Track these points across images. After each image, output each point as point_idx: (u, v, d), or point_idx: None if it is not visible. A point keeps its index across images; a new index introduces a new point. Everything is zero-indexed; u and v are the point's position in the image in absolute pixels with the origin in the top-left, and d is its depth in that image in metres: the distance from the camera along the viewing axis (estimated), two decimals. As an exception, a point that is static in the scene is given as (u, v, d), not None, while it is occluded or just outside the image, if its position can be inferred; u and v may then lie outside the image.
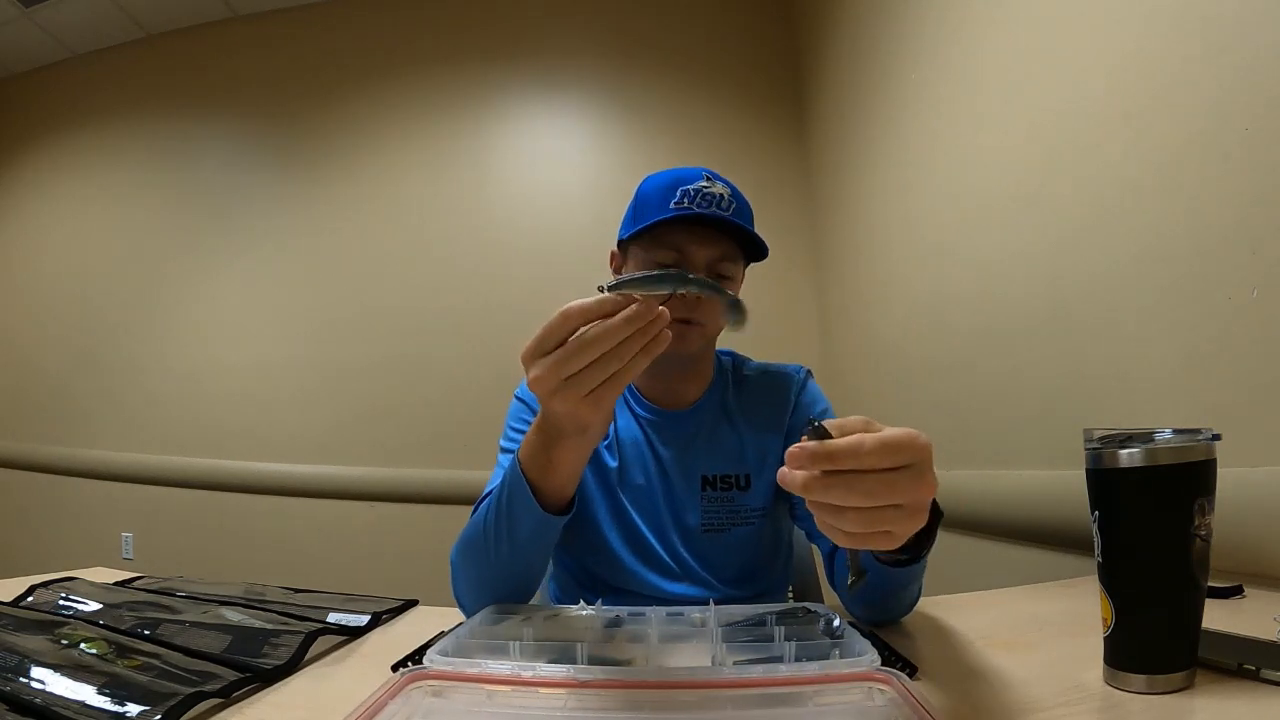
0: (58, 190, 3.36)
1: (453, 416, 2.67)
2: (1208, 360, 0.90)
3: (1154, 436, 0.49)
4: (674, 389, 0.94)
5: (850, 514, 0.44)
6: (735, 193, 0.84)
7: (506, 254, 2.73)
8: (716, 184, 0.83)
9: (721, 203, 0.81)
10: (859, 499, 0.43)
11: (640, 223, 0.83)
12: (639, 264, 0.87)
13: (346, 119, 2.96)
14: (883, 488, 0.43)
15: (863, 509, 0.43)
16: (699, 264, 0.83)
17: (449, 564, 0.76)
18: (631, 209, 0.89)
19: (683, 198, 0.81)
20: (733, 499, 0.89)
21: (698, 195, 0.81)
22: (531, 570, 0.73)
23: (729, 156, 2.62)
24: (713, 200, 0.81)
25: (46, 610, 0.73)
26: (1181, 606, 0.48)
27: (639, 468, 0.91)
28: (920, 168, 1.71)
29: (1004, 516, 1.36)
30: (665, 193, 0.82)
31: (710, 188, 0.82)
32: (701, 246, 0.83)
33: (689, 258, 0.83)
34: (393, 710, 0.42)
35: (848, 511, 0.44)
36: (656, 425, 0.93)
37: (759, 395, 0.94)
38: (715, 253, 0.84)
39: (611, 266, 0.95)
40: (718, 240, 0.83)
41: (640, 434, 0.93)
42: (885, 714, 0.42)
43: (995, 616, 0.73)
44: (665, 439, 0.92)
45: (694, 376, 0.94)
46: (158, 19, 3.17)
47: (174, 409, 2.99)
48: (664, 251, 0.83)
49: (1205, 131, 0.89)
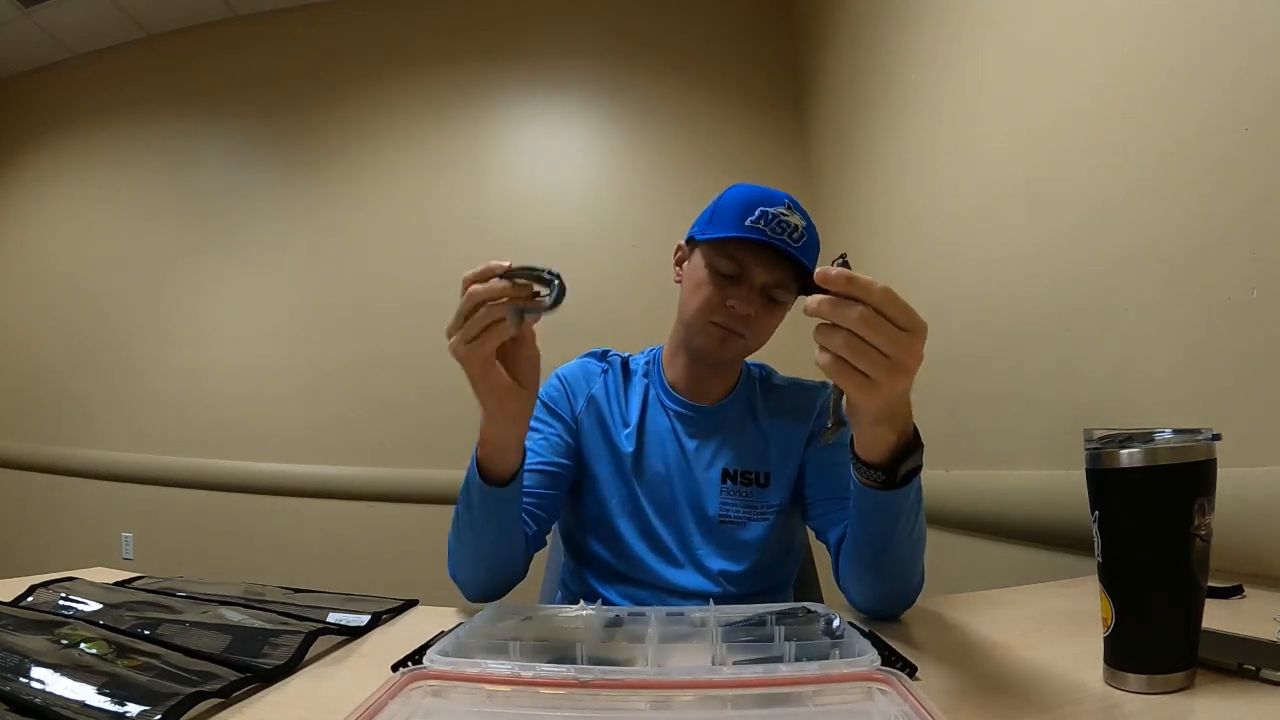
0: (58, 190, 3.36)
1: (453, 416, 2.66)
2: (1208, 360, 0.90)
3: (1154, 436, 0.49)
4: (703, 384, 0.98)
5: (842, 335, 0.51)
6: (809, 226, 0.86)
7: (506, 254, 2.72)
8: (795, 214, 0.85)
9: (794, 234, 0.84)
10: (853, 323, 0.50)
11: (715, 231, 0.86)
12: (701, 266, 0.89)
13: (347, 118, 2.96)
14: (877, 325, 0.50)
15: (853, 336, 0.50)
16: (756, 284, 0.86)
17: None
18: (710, 211, 0.91)
19: (760, 218, 0.83)
20: (751, 493, 0.92)
21: (774, 220, 0.83)
22: (503, 541, 0.77)
23: (729, 156, 2.62)
24: (786, 229, 0.83)
25: (46, 610, 0.73)
26: (1181, 606, 0.48)
27: (659, 456, 0.94)
28: (920, 168, 1.71)
29: (1004, 516, 1.36)
30: (745, 208, 0.84)
31: (788, 216, 0.84)
32: (763, 269, 0.86)
33: (749, 275, 0.86)
34: (392, 710, 0.42)
35: (840, 332, 0.51)
36: (685, 418, 0.96)
37: (787, 401, 0.99)
38: (773, 278, 0.86)
39: (675, 257, 0.99)
40: (779, 267, 0.86)
41: (667, 424, 0.96)
42: (885, 714, 0.42)
43: (995, 616, 0.73)
44: (691, 431, 0.96)
45: (722, 377, 0.98)
46: (158, 19, 3.17)
47: (174, 409, 2.99)
48: (727, 262, 0.87)
49: (1205, 131, 0.89)
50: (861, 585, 0.74)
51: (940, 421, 1.58)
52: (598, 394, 0.97)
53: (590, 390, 0.98)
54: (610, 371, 1.00)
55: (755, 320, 0.87)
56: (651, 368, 1.01)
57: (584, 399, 0.97)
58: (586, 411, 0.96)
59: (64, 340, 3.22)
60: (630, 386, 0.99)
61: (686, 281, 0.93)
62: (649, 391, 0.99)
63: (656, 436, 0.95)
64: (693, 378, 0.97)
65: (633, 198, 2.66)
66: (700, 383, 0.97)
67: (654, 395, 0.98)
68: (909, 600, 0.73)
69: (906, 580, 0.71)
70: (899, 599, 0.73)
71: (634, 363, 1.02)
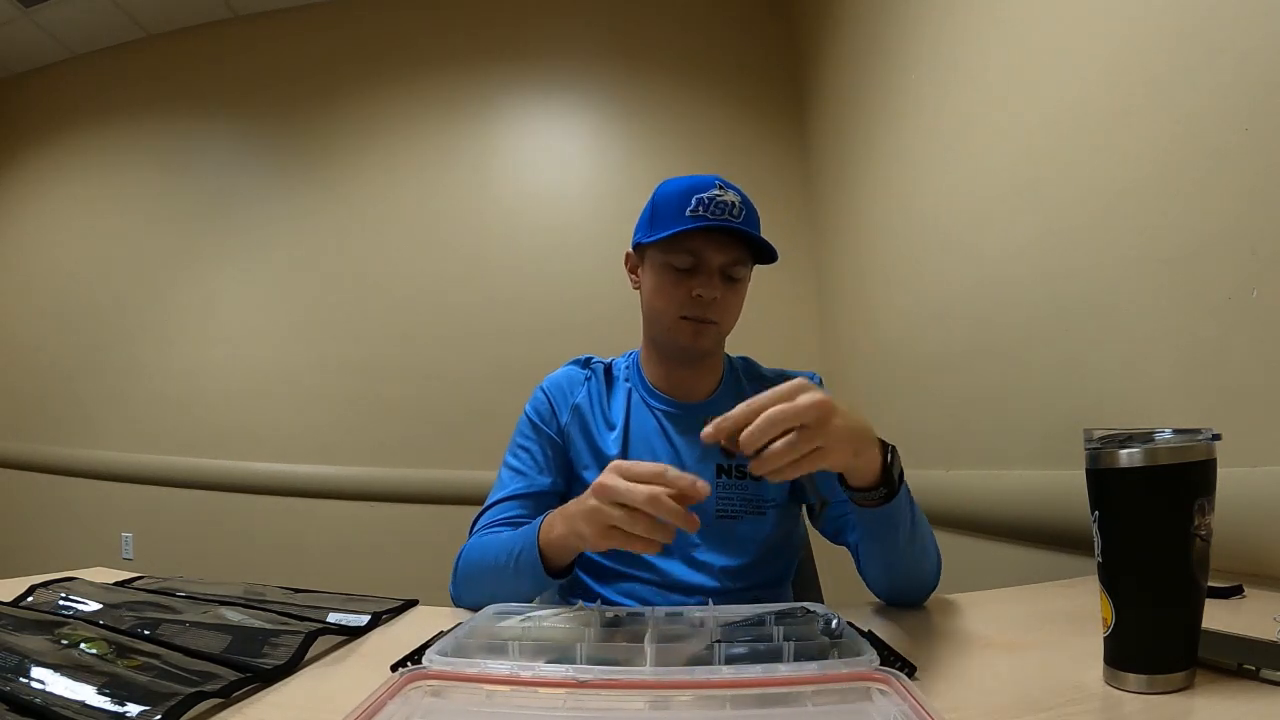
0: (58, 190, 3.36)
1: (453, 417, 2.67)
2: (1208, 360, 0.90)
3: (1154, 436, 0.49)
4: (687, 382, 0.98)
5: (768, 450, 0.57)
6: (745, 200, 0.90)
7: (507, 254, 2.73)
8: (728, 192, 0.88)
9: (733, 210, 0.87)
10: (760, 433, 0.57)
11: (659, 230, 0.88)
12: (657, 266, 0.92)
13: (347, 119, 2.96)
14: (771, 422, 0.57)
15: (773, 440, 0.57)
16: (714, 267, 0.89)
17: (452, 567, 0.84)
18: (648, 212, 0.93)
19: (698, 206, 0.86)
20: (747, 487, 0.93)
21: (711, 204, 0.86)
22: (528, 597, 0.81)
23: (729, 156, 2.62)
24: (726, 209, 0.86)
25: (46, 610, 0.73)
26: (1181, 606, 0.48)
27: (648, 455, 0.94)
28: (920, 167, 1.71)
29: (1004, 516, 1.36)
30: (681, 200, 0.87)
31: (723, 196, 0.87)
32: (716, 252, 0.88)
33: (705, 262, 0.88)
34: (392, 710, 0.42)
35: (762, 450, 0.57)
36: (673, 416, 0.97)
37: None
38: (729, 258, 0.89)
39: (627, 267, 1.00)
40: (731, 246, 0.89)
41: (654, 424, 0.97)
42: (884, 714, 0.42)
43: (995, 616, 0.73)
44: (681, 428, 0.96)
45: (705, 374, 0.99)
46: (158, 19, 3.17)
47: (174, 409, 2.99)
48: (682, 256, 0.89)
49: (1205, 131, 0.89)
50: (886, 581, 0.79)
51: (940, 421, 1.58)
52: (581, 402, 0.98)
53: (574, 400, 0.98)
54: (594, 378, 1.01)
55: (722, 303, 0.90)
56: (631, 371, 1.01)
57: (568, 410, 0.97)
58: (572, 422, 0.97)
59: (64, 340, 3.22)
60: (614, 391, 1.00)
61: (646, 286, 0.95)
62: (632, 394, 0.99)
63: (644, 437, 0.96)
64: (675, 377, 0.98)
65: (633, 197, 2.63)
66: (683, 381, 0.98)
67: (638, 398, 0.99)
68: (935, 580, 0.79)
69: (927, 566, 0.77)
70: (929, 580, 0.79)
71: (615, 368, 1.03)
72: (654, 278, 0.92)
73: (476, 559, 0.83)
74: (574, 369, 1.03)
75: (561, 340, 2.39)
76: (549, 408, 0.98)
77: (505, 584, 0.77)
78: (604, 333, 2.35)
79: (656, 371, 0.99)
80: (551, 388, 1.00)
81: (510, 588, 0.77)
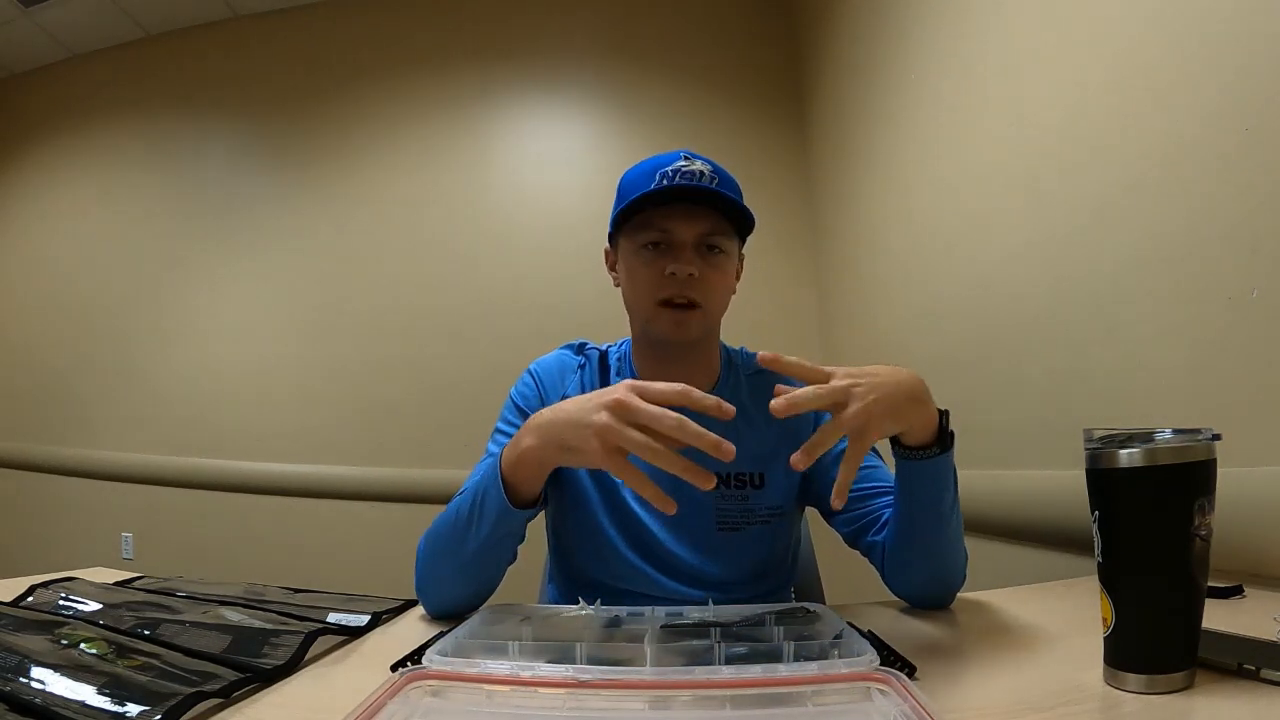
0: (58, 190, 3.36)
1: (453, 416, 2.67)
2: (1208, 360, 0.90)
3: (1154, 436, 0.49)
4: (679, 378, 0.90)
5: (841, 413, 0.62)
6: (716, 168, 0.84)
7: (506, 253, 2.73)
8: (696, 162, 0.83)
9: (702, 178, 0.81)
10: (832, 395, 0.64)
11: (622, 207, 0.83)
12: (628, 253, 0.87)
13: (347, 118, 2.96)
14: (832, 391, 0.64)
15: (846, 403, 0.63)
16: (687, 240, 0.82)
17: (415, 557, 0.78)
18: (615, 201, 0.89)
19: (661, 179, 0.81)
20: (747, 497, 0.87)
21: (676, 174, 0.81)
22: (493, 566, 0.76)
23: (729, 155, 2.57)
24: (693, 176, 0.81)
25: (46, 610, 0.73)
26: (1181, 606, 0.48)
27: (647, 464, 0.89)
28: (920, 167, 1.70)
29: (1004, 516, 1.36)
30: (645, 179, 0.83)
31: (689, 165, 0.82)
32: (686, 223, 0.82)
33: (675, 235, 0.83)
34: (392, 710, 0.42)
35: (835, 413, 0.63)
36: None
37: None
38: (702, 228, 0.83)
39: (607, 264, 0.95)
40: (704, 216, 0.83)
41: None
42: (884, 714, 0.42)
43: (995, 616, 0.73)
44: None
45: (699, 368, 0.91)
46: (158, 19, 3.17)
47: (174, 409, 2.99)
48: (648, 232, 0.83)
49: (1205, 131, 0.89)
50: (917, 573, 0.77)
51: (940, 421, 1.58)
52: (572, 394, 0.89)
53: (565, 390, 0.91)
54: (587, 366, 0.94)
55: (702, 280, 0.82)
56: (624, 364, 0.95)
57: (558, 399, 0.89)
58: None
59: (64, 340, 3.22)
60: (607, 383, 0.92)
61: (623, 276, 0.89)
62: None
63: None
64: (667, 373, 0.88)
65: (633, 198, 2.65)
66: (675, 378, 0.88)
67: None
68: (963, 575, 0.77)
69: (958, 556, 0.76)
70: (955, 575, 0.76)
71: (610, 357, 0.96)
72: (628, 264, 0.86)
73: (433, 531, 0.77)
74: (567, 355, 0.97)
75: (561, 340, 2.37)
76: (536, 393, 0.92)
77: (465, 545, 0.71)
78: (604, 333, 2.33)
79: (648, 366, 0.91)
80: (541, 372, 0.94)
81: (471, 549, 0.71)
